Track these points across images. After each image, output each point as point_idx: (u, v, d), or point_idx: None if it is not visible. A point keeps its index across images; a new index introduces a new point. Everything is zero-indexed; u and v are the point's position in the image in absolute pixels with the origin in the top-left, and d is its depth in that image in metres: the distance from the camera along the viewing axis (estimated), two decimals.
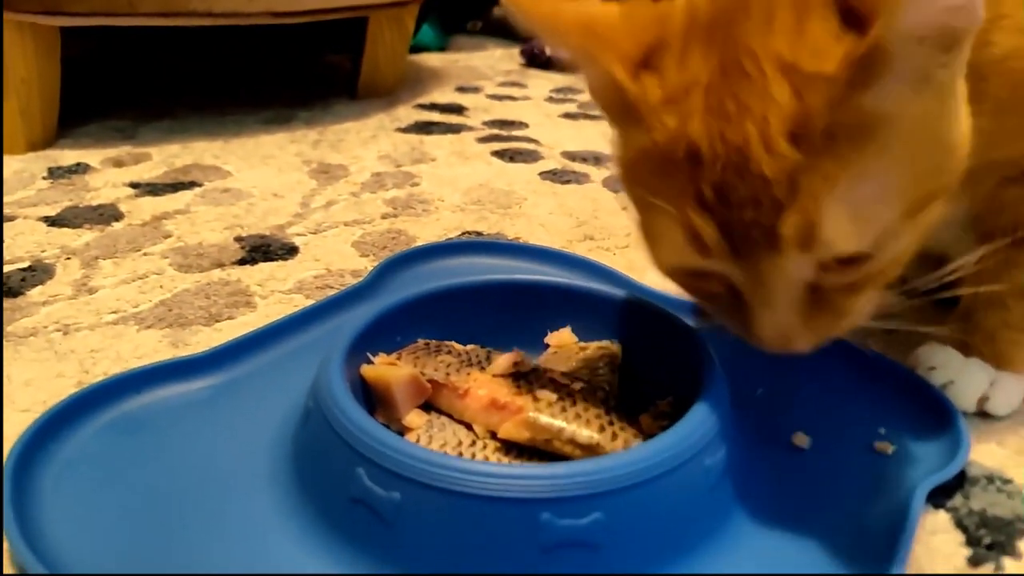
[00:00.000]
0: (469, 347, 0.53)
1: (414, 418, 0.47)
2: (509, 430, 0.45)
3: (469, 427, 0.47)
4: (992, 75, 0.45)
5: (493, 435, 0.46)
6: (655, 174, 0.40)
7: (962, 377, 0.54)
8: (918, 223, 0.40)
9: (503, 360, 0.50)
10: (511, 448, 0.45)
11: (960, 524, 0.45)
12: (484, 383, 0.48)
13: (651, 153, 0.39)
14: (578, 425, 0.44)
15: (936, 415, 0.52)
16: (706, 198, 0.38)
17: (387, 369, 0.49)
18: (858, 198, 0.37)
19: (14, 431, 0.49)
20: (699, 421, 0.42)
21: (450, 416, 0.48)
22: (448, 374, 0.49)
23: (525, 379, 0.49)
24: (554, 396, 0.47)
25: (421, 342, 0.53)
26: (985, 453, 0.51)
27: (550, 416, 0.45)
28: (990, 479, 0.49)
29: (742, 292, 0.41)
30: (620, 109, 0.41)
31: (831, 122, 0.35)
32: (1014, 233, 0.51)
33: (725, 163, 0.37)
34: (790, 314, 0.40)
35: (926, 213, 0.40)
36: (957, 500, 0.47)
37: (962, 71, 0.40)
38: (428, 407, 0.49)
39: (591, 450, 0.43)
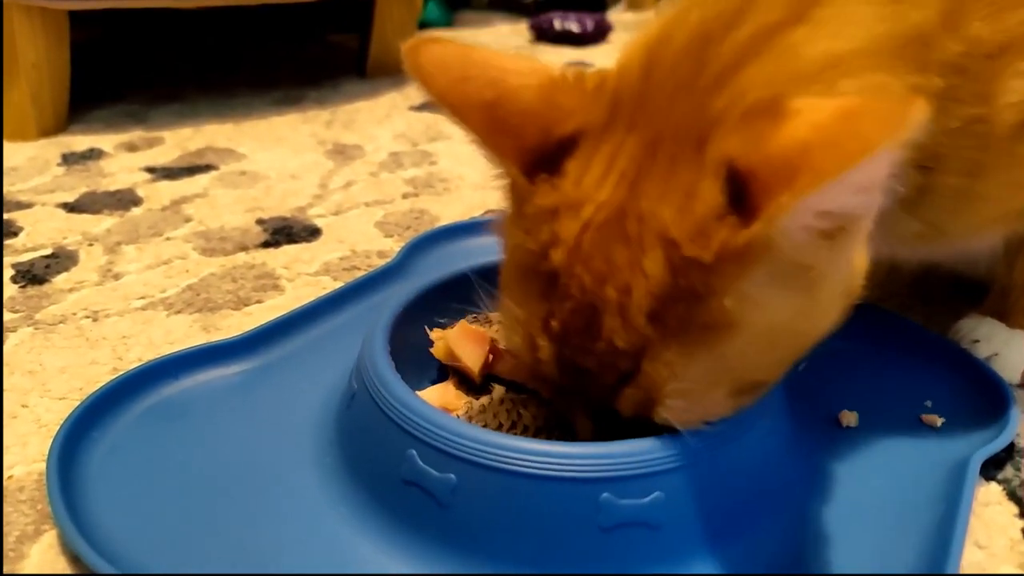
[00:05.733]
0: None
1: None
2: None
3: (509, 411, 0.47)
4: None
5: (534, 416, 0.46)
6: (520, 269, 0.38)
7: (1006, 349, 0.54)
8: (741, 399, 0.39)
9: None
10: (553, 429, 0.45)
11: (1013, 495, 0.45)
12: None
13: (522, 249, 0.37)
14: None
15: (982, 387, 0.51)
16: (551, 326, 0.36)
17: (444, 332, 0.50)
18: (695, 386, 0.35)
19: (53, 419, 0.49)
20: None
21: (512, 383, 0.48)
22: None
23: None
24: None
25: (470, 316, 0.52)
26: None
27: None
28: None
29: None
30: (513, 192, 0.38)
31: (692, 309, 0.33)
32: None
33: (576, 309, 0.35)
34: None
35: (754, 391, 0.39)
36: (1008, 472, 0.47)
37: (848, 251, 0.36)
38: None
39: None
